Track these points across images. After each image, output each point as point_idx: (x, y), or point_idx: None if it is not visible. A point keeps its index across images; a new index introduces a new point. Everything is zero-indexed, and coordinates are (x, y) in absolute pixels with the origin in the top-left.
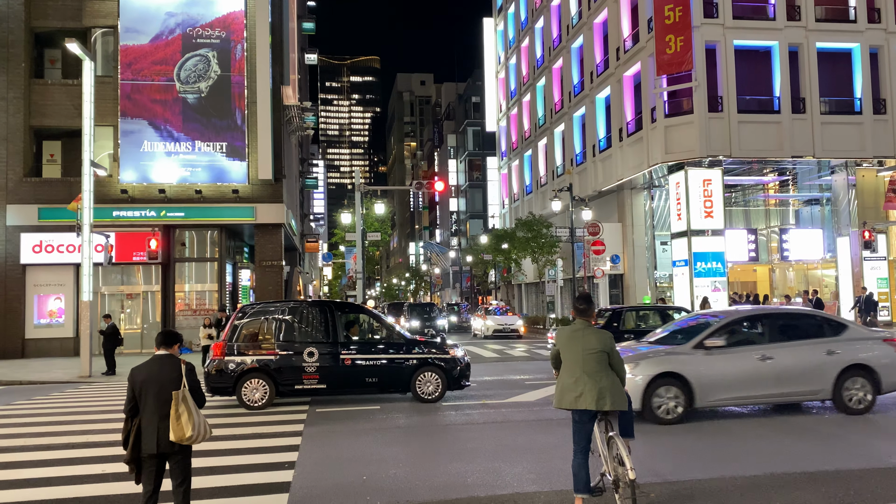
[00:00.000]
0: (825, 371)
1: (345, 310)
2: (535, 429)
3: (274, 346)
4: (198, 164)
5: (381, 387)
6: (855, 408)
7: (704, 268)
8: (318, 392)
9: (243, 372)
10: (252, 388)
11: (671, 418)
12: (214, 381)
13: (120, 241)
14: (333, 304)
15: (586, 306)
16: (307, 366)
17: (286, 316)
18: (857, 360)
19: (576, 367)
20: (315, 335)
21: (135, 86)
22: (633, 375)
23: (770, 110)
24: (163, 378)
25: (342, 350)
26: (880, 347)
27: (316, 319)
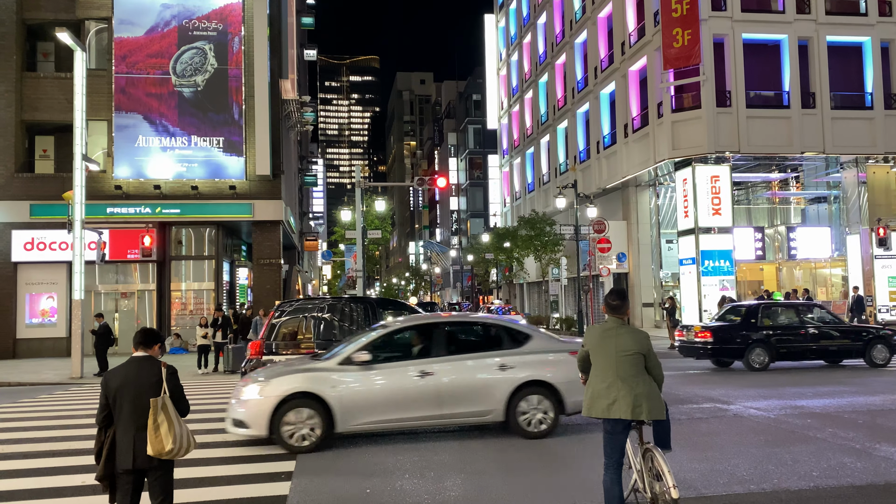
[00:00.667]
0: (496, 389)
1: (386, 307)
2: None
3: (312, 344)
4: (194, 160)
5: None
6: (533, 431)
7: (712, 266)
8: None
9: None
10: None
11: (306, 445)
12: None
13: (114, 238)
14: (374, 300)
15: (620, 302)
16: None
17: (325, 313)
18: (536, 377)
19: (608, 370)
20: (348, 332)
21: (129, 79)
22: (260, 396)
23: (779, 105)
24: (140, 383)
25: None
26: (566, 362)
27: (355, 317)
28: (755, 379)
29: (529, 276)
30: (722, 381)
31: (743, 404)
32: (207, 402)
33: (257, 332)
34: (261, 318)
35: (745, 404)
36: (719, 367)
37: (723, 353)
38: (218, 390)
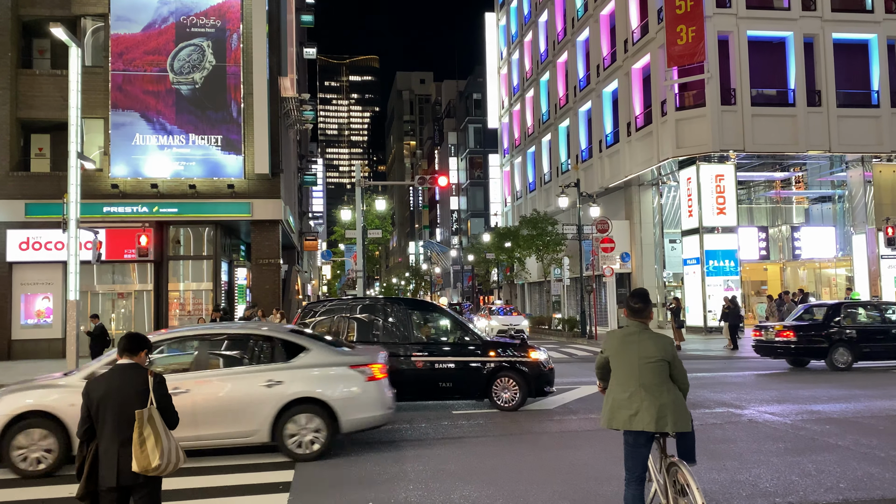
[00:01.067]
0: (261, 407)
1: (417, 308)
2: (560, 442)
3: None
4: (192, 158)
5: (455, 392)
6: (304, 453)
7: (717, 266)
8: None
9: None
10: None
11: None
12: None
13: (111, 237)
14: (405, 301)
15: (643, 305)
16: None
17: (355, 314)
18: (307, 394)
19: (630, 379)
20: (385, 335)
21: (126, 76)
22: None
23: (784, 103)
24: (124, 394)
25: (414, 351)
26: (344, 377)
27: (386, 318)
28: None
29: (531, 277)
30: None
31: (756, 409)
32: None
33: None
34: (259, 319)
35: (759, 409)
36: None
37: (806, 352)
38: None
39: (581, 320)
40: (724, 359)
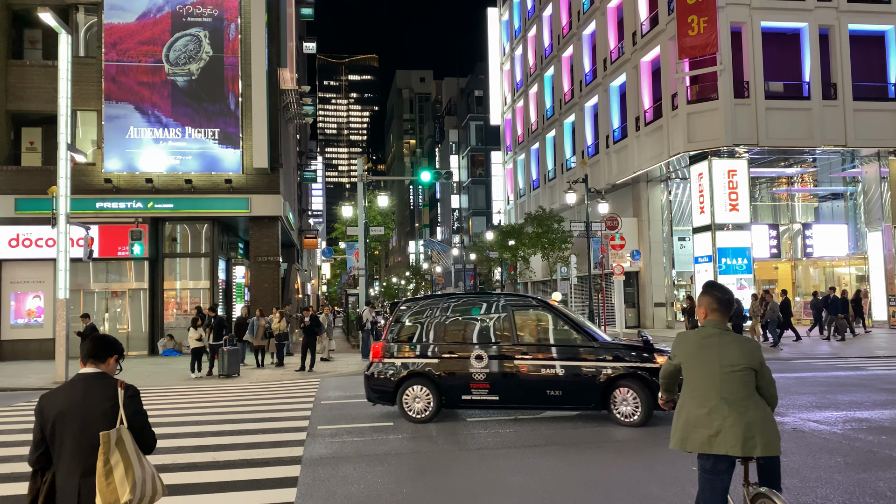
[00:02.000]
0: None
1: (521, 304)
2: (588, 455)
3: (437, 346)
4: (188, 152)
5: (566, 401)
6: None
7: (729, 264)
8: (489, 405)
9: (404, 377)
10: (413, 396)
11: None
12: (375, 385)
13: (104, 234)
14: (507, 296)
15: (729, 298)
16: (475, 372)
17: (451, 311)
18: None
19: (710, 391)
20: (485, 335)
21: (120, 67)
22: None
23: (799, 97)
24: (87, 411)
25: (518, 354)
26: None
27: (485, 315)
28: None
29: (535, 276)
30: None
31: (797, 416)
32: (198, 410)
33: (253, 333)
34: (257, 319)
35: (801, 416)
36: None
37: None
38: (211, 397)
39: (589, 320)
40: None
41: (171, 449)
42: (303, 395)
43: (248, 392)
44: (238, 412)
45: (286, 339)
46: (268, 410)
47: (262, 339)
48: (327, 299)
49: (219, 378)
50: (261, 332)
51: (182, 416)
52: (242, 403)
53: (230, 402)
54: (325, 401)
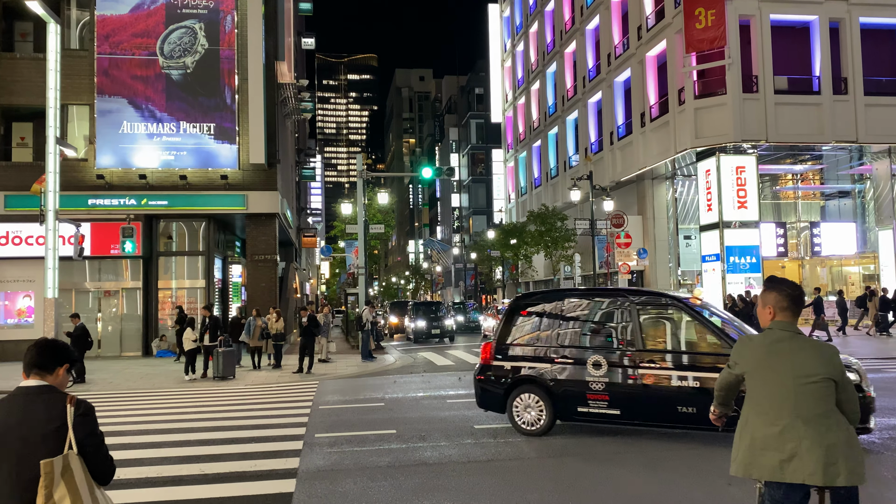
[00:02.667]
0: None
1: (649, 302)
2: (613, 467)
3: (551, 349)
4: (183, 148)
5: (703, 420)
6: None
7: (738, 263)
8: (608, 419)
9: (514, 382)
10: (524, 405)
11: None
12: (484, 391)
13: (96, 232)
14: (633, 293)
15: (799, 294)
16: (592, 381)
17: (568, 308)
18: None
19: (782, 407)
20: (605, 337)
21: (113, 60)
22: None
23: (809, 91)
24: (27, 433)
25: (644, 361)
26: None
27: (606, 315)
28: None
29: (538, 275)
30: None
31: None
32: (188, 416)
33: (250, 334)
34: (254, 319)
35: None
36: None
37: None
38: (203, 401)
39: None
40: None
41: (155, 460)
42: (300, 398)
43: (243, 395)
44: (230, 418)
45: (283, 340)
46: (262, 416)
47: (258, 340)
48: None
49: (213, 380)
50: (257, 333)
51: (171, 421)
52: (236, 408)
53: (223, 407)
54: (324, 405)
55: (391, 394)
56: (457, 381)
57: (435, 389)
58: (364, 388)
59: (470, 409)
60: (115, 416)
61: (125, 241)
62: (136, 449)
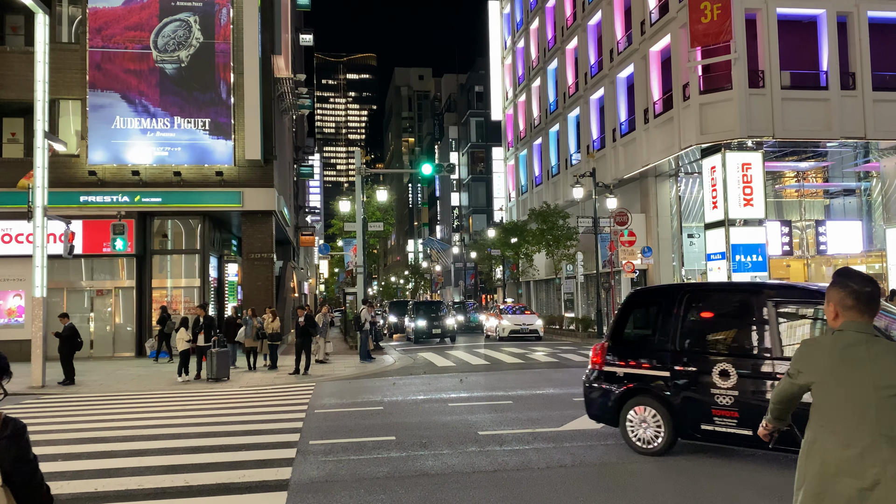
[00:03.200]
0: None
1: (791, 299)
2: (629, 481)
3: (670, 354)
4: (177, 143)
5: None
6: None
7: (744, 261)
8: (738, 440)
9: (627, 392)
10: (639, 419)
11: None
12: (593, 399)
13: (88, 229)
14: (768, 287)
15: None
16: (719, 394)
17: (691, 306)
18: None
19: (861, 424)
20: (735, 342)
21: (105, 54)
22: None
23: (816, 86)
24: None
25: (780, 372)
26: None
27: (736, 314)
28: None
29: (539, 274)
30: None
31: None
32: (177, 420)
33: (247, 333)
34: (251, 318)
35: None
36: None
37: None
38: (194, 404)
39: (597, 320)
40: None
41: (137, 470)
42: (295, 401)
43: (236, 398)
44: (221, 422)
45: (279, 341)
46: (255, 420)
47: (254, 341)
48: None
49: (207, 382)
50: (253, 333)
51: (158, 426)
52: (227, 412)
53: (214, 411)
54: (320, 409)
55: (390, 396)
56: (458, 383)
57: (436, 392)
58: (362, 391)
59: (473, 414)
60: (101, 420)
61: (116, 239)
62: (119, 457)
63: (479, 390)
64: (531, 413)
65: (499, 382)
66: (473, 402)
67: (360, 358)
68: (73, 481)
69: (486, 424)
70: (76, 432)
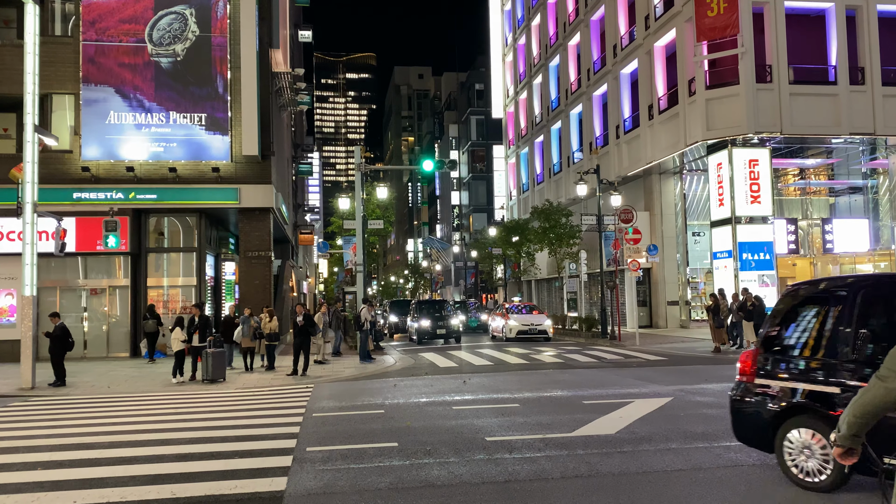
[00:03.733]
0: None
1: None
2: (649, 490)
3: (842, 365)
4: (172, 139)
5: None
6: None
7: (751, 259)
8: None
9: (784, 411)
10: (801, 445)
11: None
12: (741, 418)
13: (82, 227)
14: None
15: None
16: None
17: (864, 304)
18: None
19: None
20: (855, 346)
21: (99, 47)
22: None
23: (825, 81)
24: None
25: None
26: None
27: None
28: None
29: (541, 273)
30: None
31: None
32: (168, 425)
33: (245, 333)
34: (248, 318)
35: None
36: None
37: None
38: (187, 407)
39: (601, 320)
40: None
41: (121, 480)
42: (292, 404)
43: (231, 400)
44: (214, 426)
45: (277, 341)
46: (249, 425)
47: (251, 341)
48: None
49: (203, 383)
50: (250, 333)
51: (148, 431)
52: (221, 415)
53: (207, 414)
54: (318, 413)
55: (392, 399)
56: (462, 384)
57: (439, 394)
58: (362, 393)
59: (479, 418)
60: (88, 424)
61: (108, 235)
62: (104, 465)
63: (483, 392)
64: (540, 417)
65: (504, 384)
66: (479, 406)
67: (360, 359)
68: (51, 493)
69: (494, 429)
70: (61, 437)
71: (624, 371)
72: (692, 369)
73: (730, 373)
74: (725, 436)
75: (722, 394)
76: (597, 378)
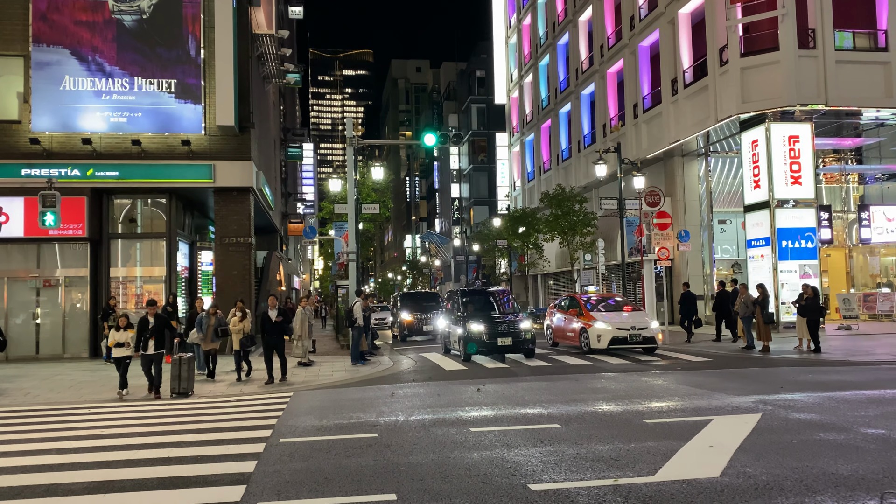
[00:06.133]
0: None
1: None
2: None
3: None
4: (137, 108)
5: None
6: None
7: (792, 247)
8: None
9: None
10: None
11: None
12: None
13: (31, 208)
14: None
15: None
16: None
17: None
18: None
19: None
20: None
21: (52, 2)
22: None
23: (875, 48)
24: None
25: None
26: None
27: None
28: None
29: (550, 265)
30: None
31: None
32: (90, 454)
33: (202, 331)
34: (207, 315)
35: None
36: None
37: None
38: (127, 426)
39: None
40: (844, 365)
41: None
42: (256, 424)
43: (179, 417)
44: (131, 461)
45: (252, 343)
46: (185, 458)
47: (211, 342)
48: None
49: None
50: (210, 332)
51: (50, 466)
52: (152, 440)
53: (135, 439)
54: (288, 437)
55: (387, 415)
56: (476, 392)
57: (448, 408)
58: (351, 405)
59: (510, 448)
60: None
61: (45, 213)
62: None
63: (505, 405)
64: (596, 446)
65: (528, 394)
66: (505, 426)
67: (352, 359)
68: None
69: (536, 468)
70: None
71: (669, 376)
72: (751, 373)
73: (801, 377)
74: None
75: (820, 408)
76: (642, 385)
